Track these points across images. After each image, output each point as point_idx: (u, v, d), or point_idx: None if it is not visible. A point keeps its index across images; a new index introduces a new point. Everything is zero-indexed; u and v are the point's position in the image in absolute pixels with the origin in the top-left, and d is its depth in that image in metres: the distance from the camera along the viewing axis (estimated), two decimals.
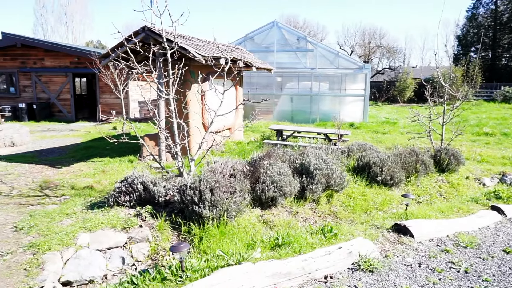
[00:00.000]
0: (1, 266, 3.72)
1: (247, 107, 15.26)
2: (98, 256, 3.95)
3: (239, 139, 10.39)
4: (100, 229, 4.37)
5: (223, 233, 4.35)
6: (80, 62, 16.31)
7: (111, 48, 7.21)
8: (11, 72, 17.18)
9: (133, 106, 16.76)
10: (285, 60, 17.20)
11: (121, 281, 3.53)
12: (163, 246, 4.28)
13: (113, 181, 6.16)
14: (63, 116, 16.85)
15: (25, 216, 4.94)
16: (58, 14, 41.91)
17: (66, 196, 5.73)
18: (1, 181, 6.59)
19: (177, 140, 5.35)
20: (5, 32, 16.76)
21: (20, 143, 10.33)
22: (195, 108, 7.81)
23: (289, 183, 5.32)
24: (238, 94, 10.53)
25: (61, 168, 7.56)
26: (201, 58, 6.74)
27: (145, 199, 4.89)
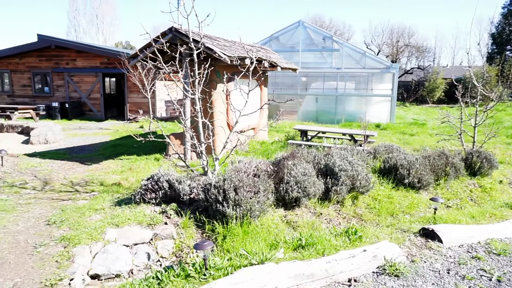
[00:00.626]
0: (35, 258, 3.89)
1: (272, 107, 15.25)
2: (124, 251, 4.06)
3: (263, 139, 10.40)
4: (127, 225, 4.48)
5: (246, 233, 4.36)
6: (110, 62, 16.82)
7: (139, 49, 7.38)
8: (45, 72, 17.94)
9: (160, 105, 17.11)
10: (310, 60, 17.07)
11: (147, 276, 3.60)
12: (187, 244, 4.34)
13: (139, 178, 6.31)
14: (93, 115, 17.43)
15: (57, 210, 5.14)
16: (89, 16, 43.40)
17: (95, 192, 5.92)
18: (35, 176, 6.89)
19: (202, 139, 5.41)
20: (40, 34, 17.52)
21: (53, 140, 10.77)
22: (220, 108, 7.88)
23: (313, 184, 5.27)
24: (262, 94, 10.54)
25: (91, 165, 7.81)
26: (226, 58, 6.79)
27: (170, 197, 4.98)
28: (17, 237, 4.36)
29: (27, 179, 6.66)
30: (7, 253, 3.97)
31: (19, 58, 18.07)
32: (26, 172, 7.08)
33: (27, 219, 4.87)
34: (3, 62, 18.28)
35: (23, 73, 18.22)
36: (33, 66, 18.01)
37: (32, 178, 6.75)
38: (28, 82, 18.23)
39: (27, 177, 6.78)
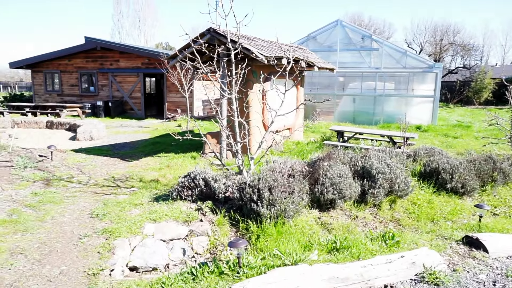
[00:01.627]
0: (79, 248, 4.11)
1: (308, 107, 15.11)
2: (161, 246, 4.19)
3: (299, 139, 10.33)
4: (164, 221, 4.62)
5: (280, 233, 4.36)
6: (150, 63, 17.40)
7: (178, 49, 7.58)
8: (91, 73, 18.89)
9: (197, 104, 17.47)
10: (348, 59, 16.73)
11: (182, 271, 3.70)
12: (221, 241, 4.40)
13: (177, 175, 6.48)
14: (134, 113, 18.12)
15: (99, 204, 5.40)
16: (132, 19, 45.11)
17: (134, 187, 6.16)
18: (81, 171, 7.28)
19: (238, 139, 5.47)
20: (87, 37, 18.47)
21: (97, 137, 11.32)
22: (256, 108, 7.92)
23: (349, 186, 5.17)
24: (299, 94, 10.47)
25: (131, 162, 8.13)
26: (263, 58, 6.81)
27: (206, 195, 5.08)
28: (64, 227, 4.63)
29: (73, 173, 7.04)
30: (55, 242, 4.23)
31: (68, 60, 19.15)
32: (73, 167, 7.49)
33: (73, 211, 5.15)
34: (54, 63, 19.45)
35: (72, 73, 19.29)
36: (81, 67, 19.02)
37: (78, 173, 7.13)
38: (76, 82, 19.28)
39: (74, 172, 7.17)
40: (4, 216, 4.79)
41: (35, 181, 6.26)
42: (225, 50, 6.13)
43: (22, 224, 4.59)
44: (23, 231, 4.44)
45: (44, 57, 19.30)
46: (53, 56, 19.12)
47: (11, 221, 4.64)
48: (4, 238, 4.20)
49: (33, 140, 10.66)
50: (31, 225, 4.59)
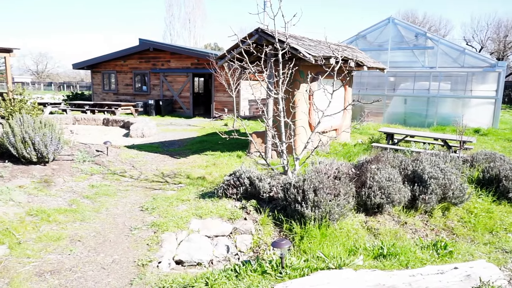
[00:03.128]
0: (130, 239, 4.33)
1: (356, 108, 14.70)
2: (206, 242, 4.29)
3: (345, 141, 10.09)
4: (209, 217, 4.73)
5: (324, 235, 4.28)
6: (199, 63, 17.90)
7: (227, 50, 7.72)
8: (144, 73, 19.83)
9: (243, 104, 17.69)
10: (399, 58, 16.03)
11: (225, 268, 3.76)
12: (265, 240, 4.42)
13: (222, 173, 6.61)
14: (182, 112, 18.76)
15: (149, 198, 5.65)
16: (183, 21, 46.71)
17: (182, 184, 6.37)
18: (133, 166, 7.66)
19: (284, 139, 5.46)
20: (141, 39, 19.41)
21: (148, 134, 11.86)
22: (303, 108, 7.85)
23: (398, 190, 4.96)
24: (347, 94, 10.23)
25: (179, 159, 8.42)
26: (311, 58, 6.74)
27: (250, 194, 5.13)
28: (117, 219, 4.90)
29: (126, 168, 7.43)
30: (109, 232, 4.49)
31: (124, 60, 20.25)
32: (126, 162, 7.91)
33: (125, 204, 5.44)
34: (111, 64, 20.67)
35: (126, 73, 20.39)
36: (135, 67, 20.03)
37: (130, 168, 7.52)
38: (130, 81, 20.34)
39: (126, 167, 7.57)
40: (65, 205, 5.18)
41: (92, 174, 6.69)
42: (272, 50, 6.14)
43: (80, 214, 4.92)
44: (81, 220, 4.76)
45: (102, 58, 20.58)
46: (110, 57, 20.32)
47: (71, 210, 5.00)
48: (65, 226, 4.54)
49: (91, 136, 11.41)
50: (88, 215, 4.92)
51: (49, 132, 6.56)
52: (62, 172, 6.46)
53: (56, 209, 4.96)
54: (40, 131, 6.46)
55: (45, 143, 6.44)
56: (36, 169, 6.29)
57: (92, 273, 3.66)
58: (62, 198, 5.44)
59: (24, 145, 6.29)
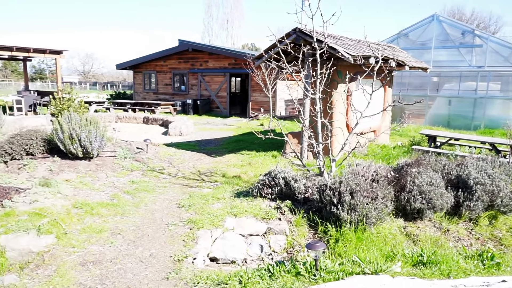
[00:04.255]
0: (167, 234, 4.45)
1: (396, 109, 14.21)
2: (240, 241, 4.32)
3: (384, 143, 9.79)
4: (244, 216, 4.76)
5: (360, 239, 4.18)
6: (237, 63, 18.08)
7: (264, 50, 7.73)
8: (183, 73, 20.34)
9: (280, 104, 17.66)
10: (444, 58, 15.30)
11: (259, 267, 3.77)
12: (299, 242, 4.38)
13: (257, 173, 6.63)
14: (219, 112, 19.03)
15: (186, 195, 5.78)
16: (221, 22, 47.40)
17: (218, 182, 6.46)
18: (171, 164, 7.88)
19: (320, 140, 5.38)
20: (181, 39, 19.92)
21: (186, 133, 12.14)
22: (340, 108, 7.70)
23: (441, 196, 4.73)
24: (386, 95, 9.92)
25: (215, 158, 8.55)
26: (350, 58, 6.60)
27: (285, 194, 5.10)
28: (154, 214, 5.06)
29: (164, 166, 7.66)
30: (147, 227, 4.65)
31: (164, 61, 20.88)
32: (164, 159, 8.15)
33: (163, 200, 5.61)
34: (152, 64, 21.38)
35: (166, 73, 21.00)
36: (174, 67, 20.59)
37: (168, 165, 7.74)
38: (169, 81, 20.94)
39: (164, 164, 7.80)
40: (107, 199, 5.42)
41: (133, 171, 6.95)
42: (310, 49, 6.07)
43: (121, 208, 5.13)
44: (121, 214, 4.96)
45: (143, 59, 21.33)
46: (151, 58, 21.02)
47: (112, 204, 5.23)
48: (106, 219, 4.75)
49: (132, 134, 11.86)
50: (128, 210, 5.12)
51: (93, 129, 6.89)
52: (105, 167, 6.77)
53: (99, 202, 5.20)
54: (85, 128, 6.80)
55: (90, 139, 6.77)
56: (82, 164, 6.63)
57: (131, 265, 3.80)
58: (104, 192, 5.69)
59: (71, 141, 6.66)
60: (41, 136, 6.90)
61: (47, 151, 6.85)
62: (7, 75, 49.04)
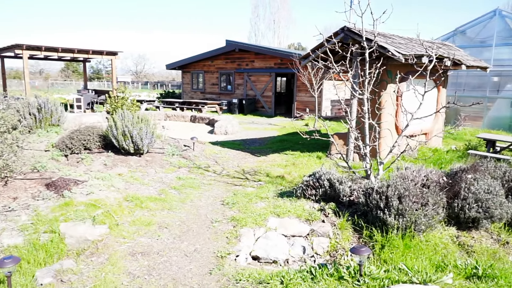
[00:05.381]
0: (210, 231, 4.56)
1: (450, 111, 13.41)
2: (283, 241, 4.31)
3: (437, 146, 9.28)
4: (287, 217, 4.75)
5: (408, 246, 4.00)
6: (283, 63, 18.06)
7: (311, 49, 7.65)
8: (229, 73, 20.69)
9: (325, 104, 17.38)
10: (506, 56, 14.17)
11: (301, 268, 3.74)
12: (342, 245, 4.29)
13: (301, 174, 6.58)
14: (264, 111, 19.12)
15: (230, 193, 5.87)
16: (268, 21, 47.64)
17: (261, 181, 6.49)
18: (216, 162, 8.05)
19: (367, 141, 5.23)
20: (228, 40, 20.28)
21: (231, 132, 12.34)
22: (389, 109, 7.42)
23: (500, 205, 4.40)
24: (440, 96, 9.40)
25: (259, 157, 8.60)
26: (400, 57, 6.34)
27: (329, 196, 5.02)
28: (199, 211, 5.20)
29: (210, 163, 7.84)
30: (192, 223, 4.79)
31: (211, 61, 21.37)
32: (209, 157, 8.34)
33: (207, 197, 5.74)
34: (199, 64, 21.97)
35: (213, 73, 21.49)
36: (221, 67, 21.01)
37: (213, 163, 7.91)
38: (216, 81, 21.40)
39: (210, 162, 7.98)
40: (156, 194, 5.65)
41: (180, 167, 7.19)
42: (359, 49, 5.91)
43: (168, 203, 5.33)
44: (168, 209, 5.16)
45: (192, 59, 21.99)
46: (199, 58, 21.61)
47: (160, 199, 5.45)
48: (154, 213, 4.96)
49: (179, 132, 12.27)
50: (174, 205, 5.30)
51: (144, 126, 7.22)
52: (154, 163, 7.07)
53: (148, 197, 5.44)
54: (137, 125, 7.15)
55: (141, 136, 7.10)
56: (133, 160, 6.97)
57: (176, 258, 3.93)
58: (153, 187, 5.94)
59: (124, 137, 7.02)
60: (97, 132, 7.35)
61: (102, 146, 7.29)
62: (69, 75, 52.91)
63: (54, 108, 9.00)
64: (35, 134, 8.01)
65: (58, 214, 4.44)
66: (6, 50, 17.23)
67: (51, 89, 38.46)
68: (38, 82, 44.60)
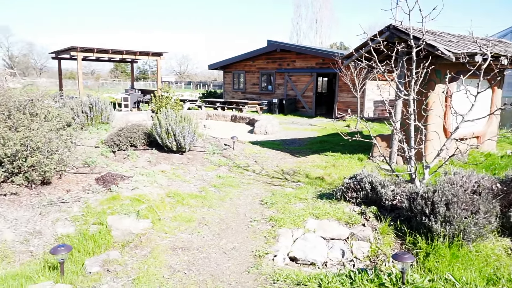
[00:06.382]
0: (249, 230, 4.59)
1: (506, 113, 12.51)
2: (321, 243, 4.25)
3: (490, 151, 8.70)
4: (326, 219, 4.67)
5: (455, 256, 3.78)
6: (324, 63, 17.79)
7: (354, 49, 7.47)
8: (270, 73, 20.72)
9: (368, 105, 16.90)
10: None
11: (340, 272, 3.66)
12: (383, 251, 4.14)
13: (341, 176, 6.44)
14: (304, 111, 18.95)
15: (268, 193, 5.88)
16: (310, 21, 47.18)
17: (300, 182, 6.44)
18: (255, 161, 8.10)
19: (413, 144, 5.02)
20: (270, 40, 20.32)
21: (271, 132, 12.36)
22: (437, 111, 7.07)
23: None
24: (495, 96, 8.81)
25: (299, 158, 8.54)
26: (451, 56, 6.02)
27: (370, 199, 4.87)
28: (238, 209, 5.25)
29: (249, 163, 7.90)
30: (231, 221, 4.85)
31: (252, 61, 21.53)
32: (249, 157, 8.41)
33: (246, 196, 5.79)
34: (240, 65, 22.21)
35: (254, 73, 21.63)
36: (262, 67, 21.10)
37: (253, 163, 7.96)
38: (257, 81, 21.52)
39: (249, 161, 8.05)
40: (196, 191, 5.79)
41: (220, 166, 7.32)
42: (405, 48, 5.69)
43: (208, 201, 5.44)
44: (208, 206, 5.26)
45: (233, 59, 22.28)
46: (240, 58, 21.85)
47: (200, 196, 5.57)
48: (195, 210, 5.09)
49: (220, 131, 12.48)
50: (214, 203, 5.40)
51: (187, 125, 7.42)
52: (195, 161, 7.25)
53: (189, 194, 5.59)
54: (180, 124, 7.36)
55: (183, 135, 7.31)
56: (175, 157, 7.19)
57: (215, 255, 4.00)
58: (194, 184, 6.09)
59: (167, 135, 7.27)
60: (143, 130, 7.66)
61: (147, 143, 7.59)
62: (117, 76, 55.72)
63: (104, 107, 9.50)
64: (87, 131, 8.50)
65: (105, 207, 4.68)
66: (63, 52, 18.45)
67: (101, 88, 40.68)
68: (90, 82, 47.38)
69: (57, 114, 5.72)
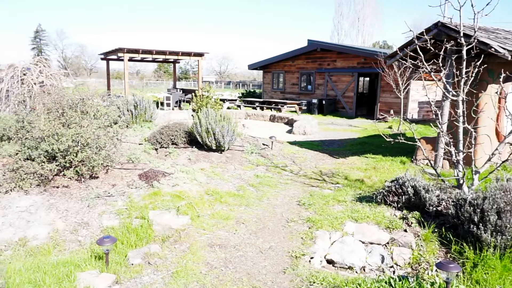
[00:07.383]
0: (286, 230, 4.57)
1: None
2: (360, 247, 4.14)
3: None
4: (365, 222, 4.54)
5: (507, 269, 3.53)
6: (366, 62, 17.32)
7: (399, 47, 7.20)
8: (310, 73, 20.50)
9: (412, 106, 16.24)
10: None
11: (379, 278, 3.54)
12: (426, 259, 3.96)
13: (382, 179, 6.24)
14: (344, 112, 18.56)
15: (306, 194, 5.83)
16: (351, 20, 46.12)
17: (339, 184, 6.31)
18: (293, 161, 8.05)
19: (461, 147, 4.75)
20: (310, 39, 20.11)
21: (309, 132, 12.23)
22: (489, 113, 6.64)
23: None
24: None
25: (338, 159, 8.38)
26: (506, 54, 5.63)
27: (413, 204, 4.68)
28: (275, 209, 5.25)
29: (287, 163, 7.86)
30: (268, 221, 4.86)
31: (292, 61, 21.41)
32: (287, 157, 8.37)
33: (284, 196, 5.77)
34: (280, 65, 22.17)
35: (293, 73, 21.50)
36: (301, 67, 20.93)
37: (291, 163, 7.92)
38: (296, 81, 21.38)
39: (287, 161, 8.01)
40: (234, 190, 5.86)
41: (258, 165, 7.35)
42: (454, 46, 5.40)
43: (245, 199, 5.48)
44: (245, 205, 5.30)
45: (272, 59, 22.28)
46: (279, 58, 21.80)
47: (238, 195, 5.63)
48: (232, 208, 5.15)
49: (258, 130, 12.53)
50: (251, 202, 5.43)
51: (226, 124, 7.53)
52: (233, 160, 7.33)
53: (227, 192, 5.66)
54: (219, 123, 7.48)
55: (222, 134, 7.42)
56: (214, 156, 7.32)
57: (251, 254, 4.03)
58: (232, 183, 6.17)
59: (207, 134, 7.41)
60: (183, 128, 7.87)
61: (187, 142, 7.79)
62: (161, 76, 57.70)
63: (147, 106, 9.88)
64: (131, 129, 8.89)
65: (147, 202, 4.87)
66: (111, 54, 19.40)
67: (145, 88, 42.31)
68: (135, 81, 49.47)
69: (105, 112, 6.02)
